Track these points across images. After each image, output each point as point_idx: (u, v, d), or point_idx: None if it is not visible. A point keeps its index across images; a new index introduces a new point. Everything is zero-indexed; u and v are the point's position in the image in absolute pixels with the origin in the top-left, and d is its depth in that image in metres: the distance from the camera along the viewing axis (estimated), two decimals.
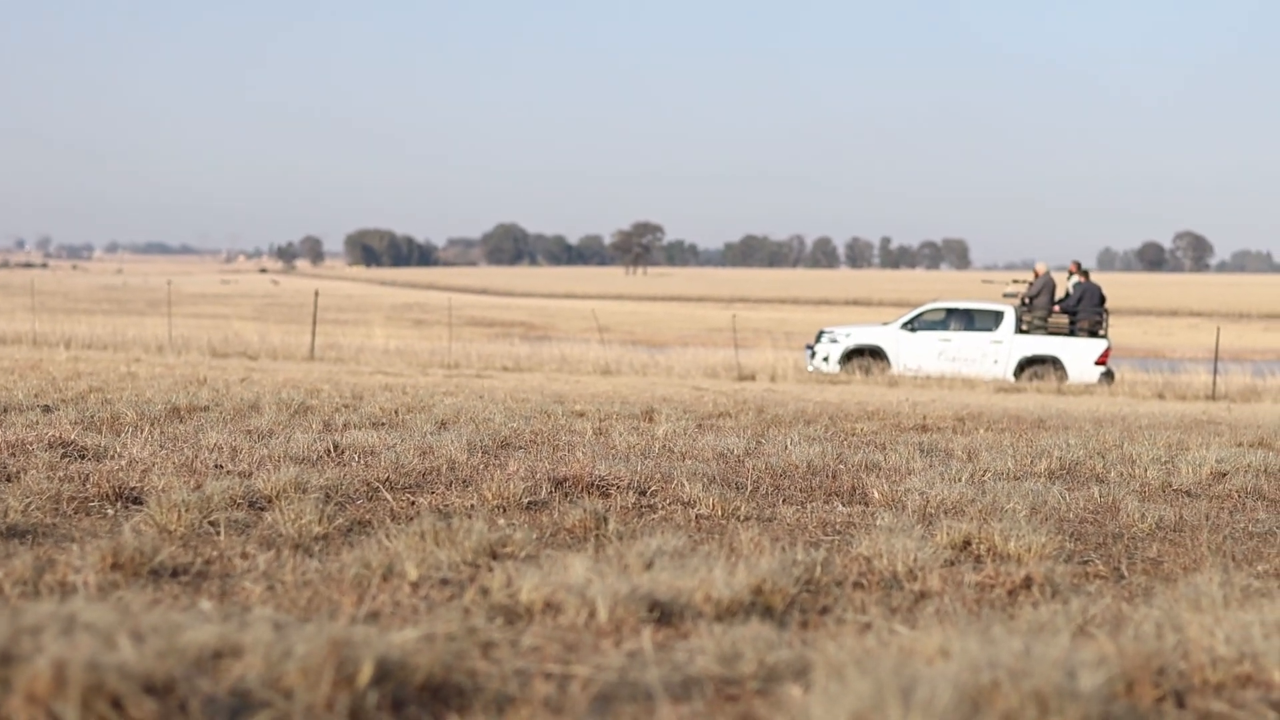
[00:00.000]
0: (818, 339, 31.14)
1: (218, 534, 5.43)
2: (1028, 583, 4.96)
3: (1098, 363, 29.16)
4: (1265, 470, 9.67)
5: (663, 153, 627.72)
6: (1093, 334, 29.51)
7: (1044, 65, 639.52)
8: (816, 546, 5.79)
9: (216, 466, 7.46)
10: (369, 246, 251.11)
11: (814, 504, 7.30)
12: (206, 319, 63.25)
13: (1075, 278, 30.21)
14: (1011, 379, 28.87)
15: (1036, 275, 30.30)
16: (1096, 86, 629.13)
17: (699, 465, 8.52)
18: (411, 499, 6.77)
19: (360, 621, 3.90)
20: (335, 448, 8.68)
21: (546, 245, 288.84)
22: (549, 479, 7.31)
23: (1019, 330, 29.49)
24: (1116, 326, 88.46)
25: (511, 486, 6.82)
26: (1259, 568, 5.74)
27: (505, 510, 6.56)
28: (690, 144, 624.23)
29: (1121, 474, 9.18)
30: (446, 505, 6.60)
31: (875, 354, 30.04)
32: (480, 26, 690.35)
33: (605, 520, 6.01)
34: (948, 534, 5.92)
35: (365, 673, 3.03)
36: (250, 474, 7.08)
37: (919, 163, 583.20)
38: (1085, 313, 29.53)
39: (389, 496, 6.79)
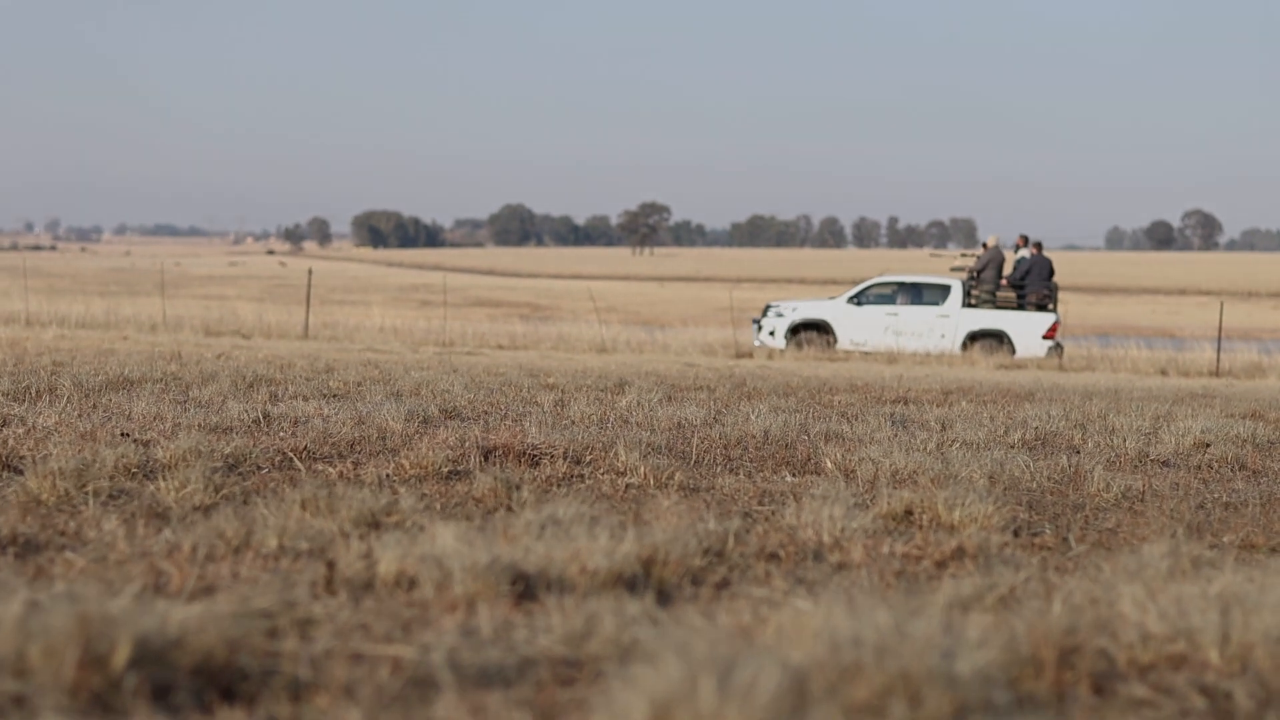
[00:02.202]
0: (764, 313, 30.67)
1: (87, 504, 4.99)
2: (958, 554, 4.51)
3: (1045, 337, 28.74)
4: (1253, 441, 9.21)
5: (669, 133, 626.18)
6: (1041, 308, 29.11)
7: (1052, 43, 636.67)
8: (745, 516, 5.35)
9: (123, 435, 7.02)
10: (376, 228, 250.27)
11: (762, 474, 6.86)
12: (214, 300, 62.95)
13: (1023, 251, 29.76)
14: (958, 353, 28.45)
15: (985, 249, 29.87)
16: (1104, 64, 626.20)
17: (648, 435, 8.08)
18: (326, 468, 6.33)
19: (187, 596, 3.46)
20: (265, 417, 8.25)
21: (553, 226, 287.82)
22: (478, 448, 6.87)
23: (966, 304, 29.08)
24: (1124, 305, 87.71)
25: (431, 455, 6.38)
26: (1225, 538, 5.28)
27: (423, 480, 6.13)
28: (697, 124, 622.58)
29: (1099, 444, 8.73)
30: (359, 475, 6.15)
31: (821, 328, 29.64)
32: (488, 7, 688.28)
33: (518, 489, 5.57)
34: (889, 503, 5.47)
35: (121, 653, 2.59)
36: (155, 442, 6.64)
37: (927, 142, 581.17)
38: (1033, 286, 29.10)
39: (300, 466, 6.35)
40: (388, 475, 6.20)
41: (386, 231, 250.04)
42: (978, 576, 3.97)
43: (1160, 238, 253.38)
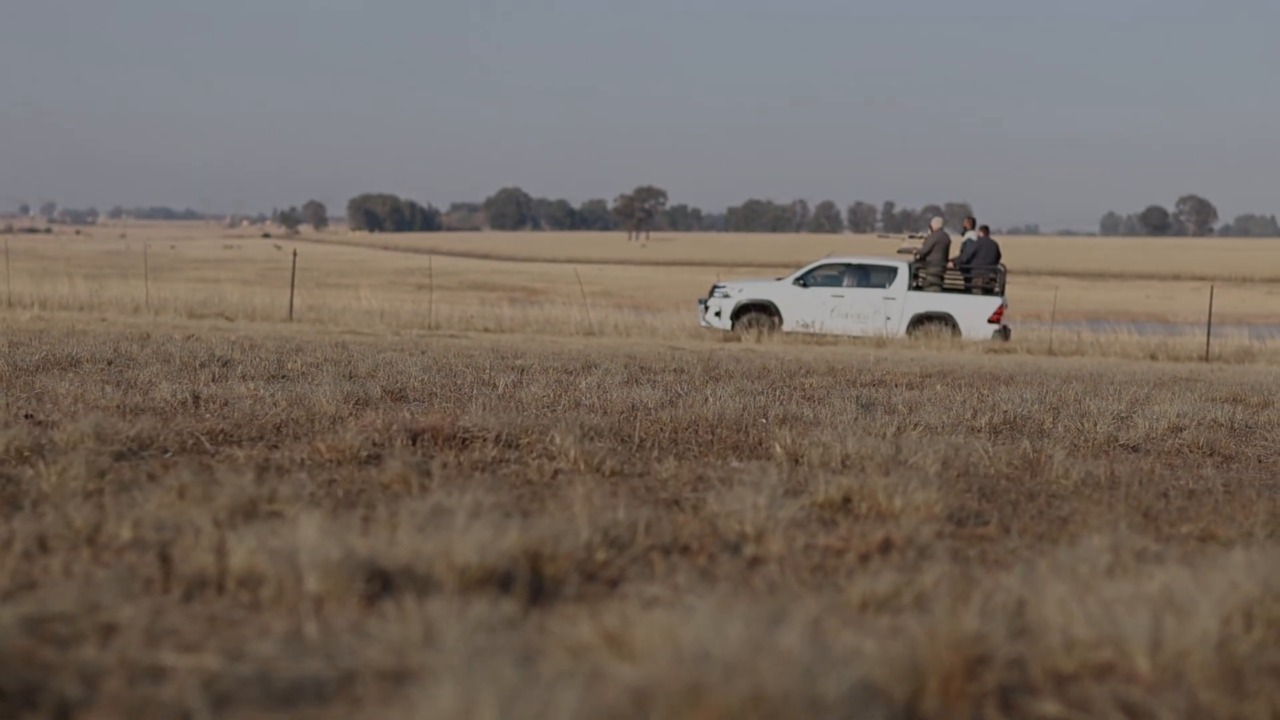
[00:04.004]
0: (711, 294, 30.37)
1: None
2: (886, 546, 4.14)
3: (991, 320, 28.53)
4: (1229, 426, 8.85)
5: (666, 117, 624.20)
6: (988, 291, 28.87)
7: (1046, 27, 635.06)
8: (671, 504, 4.99)
9: (26, 416, 6.65)
10: (372, 211, 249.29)
11: (706, 459, 6.49)
12: (206, 283, 62.53)
13: (970, 234, 29.50)
14: (904, 336, 28.20)
15: (931, 231, 29.60)
16: (1099, 48, 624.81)
17: (596, 418, 7.71)
18: (236, 452, 5.96)
19: (0, 596, 3.09)
20: (195, 398, 7.88)
21: (550, 210, 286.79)
22: (406, 431, 6.50)
23: (913, 287, 28.82)
24: (1119, 290, 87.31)
25: (350, 439, 6.01)
26: (1183, 529, 4.92)
27: (339, 464, 5.76)
28: (693, 109, 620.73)
29: (1068, 428, 8.36)
30: (269, 460, 5.78)
31: (767, 309, 29.35)
32: None
33: (429, 475, 5.20)
34: (826, 490, 5.10)
35: None
36: (58, 424, 6.26)
37: (922, 127, 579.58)
38: (979, 269, 28.85)
39: (210, 449, 5.98)
40: (303, 460, 5.83)
41: (382, 215, 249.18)
42: (897, 573, 3.60)
43: (1155, 223, 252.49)
